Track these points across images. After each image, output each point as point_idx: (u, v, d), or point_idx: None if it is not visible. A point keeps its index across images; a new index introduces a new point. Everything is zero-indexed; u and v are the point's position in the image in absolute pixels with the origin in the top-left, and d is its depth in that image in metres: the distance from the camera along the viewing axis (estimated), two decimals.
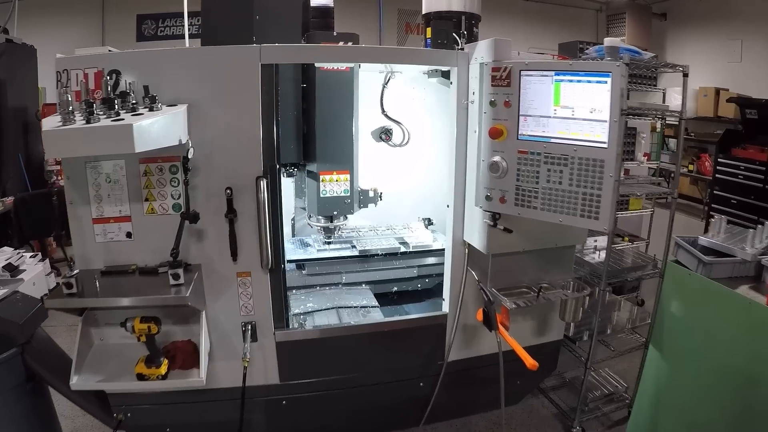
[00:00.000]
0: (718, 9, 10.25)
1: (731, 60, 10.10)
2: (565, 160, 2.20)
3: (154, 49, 2.29)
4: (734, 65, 10.00)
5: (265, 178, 2.32)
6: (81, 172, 2.28)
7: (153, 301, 2.13)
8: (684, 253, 3.02)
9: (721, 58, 10.36)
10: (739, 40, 9.94)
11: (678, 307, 2.94)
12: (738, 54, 10.03)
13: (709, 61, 10.62)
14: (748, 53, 9.81)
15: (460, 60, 2.53)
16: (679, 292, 2.95)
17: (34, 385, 2.70)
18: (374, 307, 3.22)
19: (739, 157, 6.30)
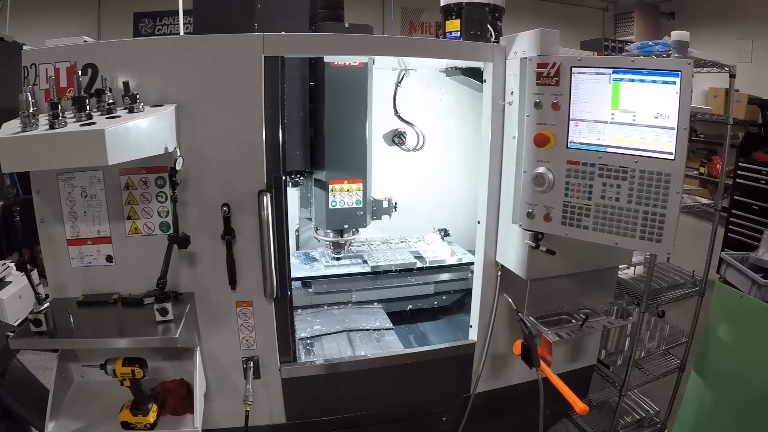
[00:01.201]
0: (728, 8, 9.93)
1: (741, 60, 9.77)
2: (624, 172, 1.82)
3: (136, 39, 1.93)
4: (745, 65, 9.66)
5: (268, 192, 1.92)
6: (52, 185, 1.89)
7: (137, 343, 1.74)
8: (734, 273, 2.65)
9: (730, 58, 10.01)
10: (750, 40, 9.62)
11: (726, 331, 2.57)
12: (748, 54, 9.70)
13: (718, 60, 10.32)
14: (759, 53, 9.52)
15: (496, 54, 2.13)
16: (729, 315, 2.58)
17: (10, 423, 2.35)
18: (388, 330, 2.85)
19: (761, 161, 5.93)
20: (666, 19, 11.07)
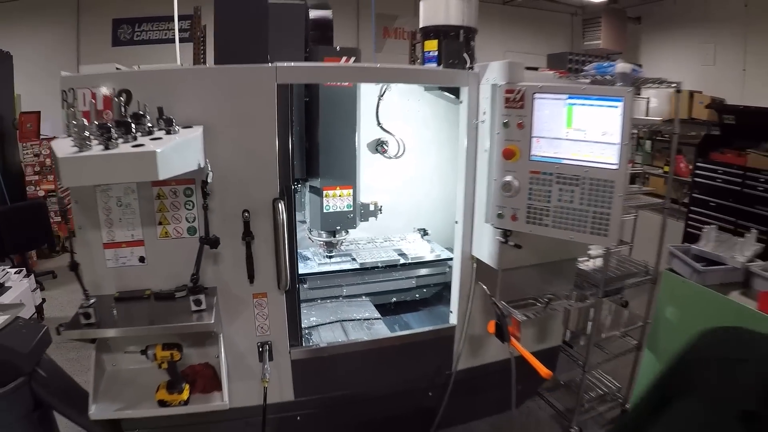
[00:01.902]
0: (692, 13, 10.61)
1: (705, 63, 10.47)
2: (576, 180, 2.30)
3: (166, 68, 2.30)
4: (708, 68, 10.38)
5: (282, 199, 2.36)
6: (90, 196, 2.24)
7: (177, 330, 2.13)
8: (678, 262, 3.20)
9: (694, 61, 10.73)
10: (713, 43, 10.32)
11: (673, 312, 3.11)
12: (711, 57, 10.40)
13: (682, 64, 10.99)
14: (721, 56, 10.19)
15: (471, 80, 2.60)
16: (674, 299, 3.12)
17: (41, 414, 2.68)
18: (377, 319, 3.29)
19: (718, 161, 6.57)
20: (633, 23, 11.72)
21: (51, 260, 6.36)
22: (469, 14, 3.27)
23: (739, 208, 6.14)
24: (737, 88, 9.74)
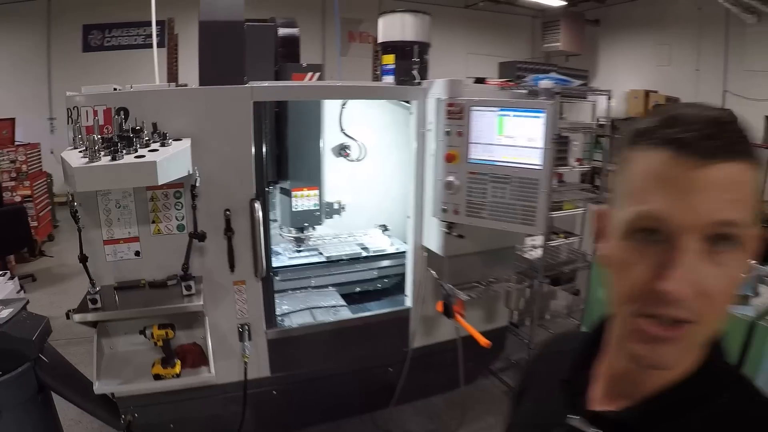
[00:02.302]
0: (648, 15, 11.32)
1: (660, 63, 11.21)
2: (507, 179, 2.84)
3: (158, 89, 2.77)
4: (663, 68, 11.12)
5: (258, 200, 2.85)
6: (92, 200, 2.69)
7: (171, 311, 2.59)
8: None
9: (651, 62, 11.48)
10: (668, 44, 11.05)
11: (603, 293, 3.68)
12: (667, 58, 11.13)
13: (639, 64, 11.72)
14: (677, 57, 10.91)
15: (419, 95, 3.13)
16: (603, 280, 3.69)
17: (43, 397, 3.11)
18: (342, 306, 3.77)
19: None
20: (592, 25, 12.40)
21: (29, 264, 6.71)
22: (423, 31, 3.81)
23: None
24: (691, 87, 10.48)
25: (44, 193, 7.58)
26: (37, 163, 7.44)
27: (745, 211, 0.68)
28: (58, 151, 8.15)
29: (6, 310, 3.05)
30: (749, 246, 0.70)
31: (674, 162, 0.68)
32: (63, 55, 9.03)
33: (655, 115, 0.72)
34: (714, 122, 0.68)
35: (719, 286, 0.68)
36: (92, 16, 9.06)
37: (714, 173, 0.66)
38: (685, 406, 0.76)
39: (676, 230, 0.68)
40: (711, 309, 0.69)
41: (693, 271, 0.67)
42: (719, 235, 0.67)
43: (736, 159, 0.67)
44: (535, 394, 1.05)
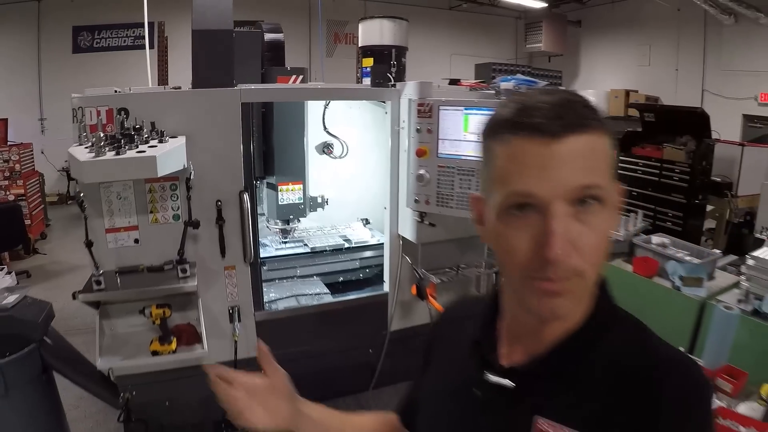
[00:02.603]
0: (629, 17, 11.71)
1: (641, 64, 11.62)
2: (472, 171, 3.19)
3: (156, 91, 3.11)
4: (644, 68, 11.53)
5: (246, 191, 3.19)
6: (95, 191, 3.02)
7: (168, 291, 2.93)
8: None
9: (631, 62, 11.90)
10: (648, 45, 11.46)
11: None
12: (647, 58, 11.54)
13: (620, 64, 12.13)
14: (656, 57, 11.30)
15: (393, 96, 3.50)
16: None
17: (47, 377, 3.41)
18: (326, 294, 4.11)
19: (638, 155, 7.60)
20: (573, 26, 12.79)
21: (23, 261, 7.01)
22: (401, 36, 4.17)
23: (657, 196, 7.19)
24: (671, 86, 10.87)
25: (37, 193, 7.88)
26: (29, 163, 7.75)
27: (601, 173, 0.79)
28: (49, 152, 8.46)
29: (12, 296, 3.34)
30: (611, 202, 0.81)
31: (532, 143, 0.78)
32: (53, 56, 9.31)
33: (509, 106, 0.82)
34: (560, 104, 0.78)
35: (590, 241, 0.79)
36: (82, 18, 9.35)
37: (567, 147, 0.77)
38: (581, 350, 0.87)
39: (544, 201, 0.77)
40: (588, 261, 0.79)
41: (566, 232, 0.77)
42: (582, 197, 0.78)
43: (584, 131, 0.78)
44: (446, 359, 1.11)
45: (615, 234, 3.99)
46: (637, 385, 0.82)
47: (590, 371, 0.86)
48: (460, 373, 1.02)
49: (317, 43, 10.58)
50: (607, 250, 0.83)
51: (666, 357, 0.87)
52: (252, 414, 1.09)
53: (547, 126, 0.77)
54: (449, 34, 12.37)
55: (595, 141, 0.79)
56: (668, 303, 3.42)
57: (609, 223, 0.83)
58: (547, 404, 0.86)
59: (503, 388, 0.91)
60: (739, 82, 9.72)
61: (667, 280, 3.52)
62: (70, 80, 8.86)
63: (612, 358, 0.86)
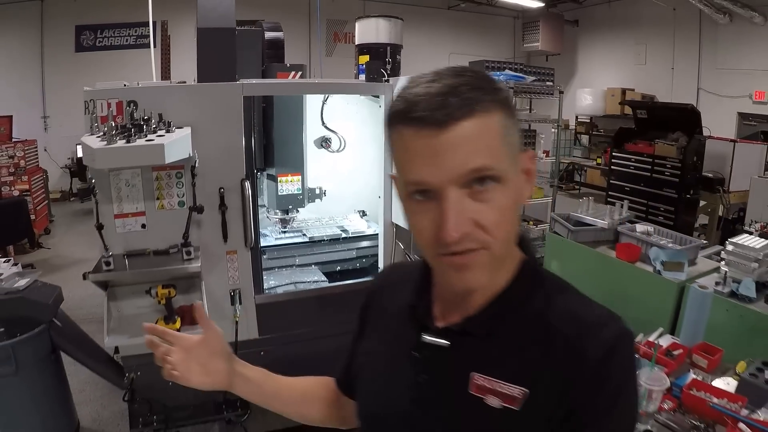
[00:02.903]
0: (625, 16, 11.93)
1: (637, 62, 11.85)
2: None
3: (163, 85, 3.32)
4: (640, 67, 11.74)
5: (248, 180, 3.40)
6: (105, 179, 3.22)
7: (173, 272, 3.14)
8: (559, 226, 4.36)
9: (627, 61, 12.12)
10: (644, 44, 11.67)
11: (555, 264, 4.27)
12: (643, 57, 11.75)
13: (617, 63, 12.36)
14: (652, 56, 11.51)
15: (386, 90, 3.72)
16: (556, 253, 4.29)
17: (56, 357, 3.61)
18: (323, 281, 4.33)
19: (631, 151, 7.83)
20: (570, 26, 13.01)
21: (27, 255, 7.23)
22: (396, 34, 4.39)
23: (649, 191, 7.41)
24: (667, 85, 11.08)
25: (41, 189, 8.11)
26: (34, 159, 7.98)
27: (492, 153, 0.83)
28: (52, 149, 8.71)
29: (23, 279, 3.57)
30: (511, 176, 0.86)
31: (420, 135, 0.82)
32: (56, 54, 9.53)
33: (399, 99, 0.87)
34: (445, 92, 0.81)
35: (491, 217, 0.84)
36: (84, 18, 9.57)
37: (453, 134, 0.81)
38: (508, 310, 0.95)
39: (438, 188, 0.83)
40: (492, 235, 0.85)
41: (462, 213, 0.82)
42: (476, 179, 0.82)
43: (470, 116, 0.81)
44: (384, 324, 1.16)
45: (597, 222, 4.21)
46: (561, 339, 0.89)
47: (518, 329, 0.94)
48: (398, 337, 1.07)
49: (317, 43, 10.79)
50: (513, 221, 0.89)
51: (587, 312, 0.94)
52: (187, 372, 1.14)
53: (431, 117, 0.81)
54: (448, 33, 12.58)
55: (483, 122, 0.82)
56: (650, 286, 3.64)
57: (510, 197, 0.86)
58: (481, 361, 0.94)
59: (440, 348, 0.98)
60: (733, 80, 9.92)
61: (649, 265, 3.74)
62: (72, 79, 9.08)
63: (538, 316, 0.93)
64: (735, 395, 2.29)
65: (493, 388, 0.91)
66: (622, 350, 0.89)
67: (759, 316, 3.11)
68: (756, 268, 3.35)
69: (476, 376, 0.92)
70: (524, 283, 0.98)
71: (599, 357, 0.86)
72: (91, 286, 5.63)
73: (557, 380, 0.87)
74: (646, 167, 7.48)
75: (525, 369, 0.90)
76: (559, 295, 0.98)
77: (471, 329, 0.96)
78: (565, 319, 0.92)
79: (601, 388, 0.86)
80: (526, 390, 0.89)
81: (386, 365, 1.10)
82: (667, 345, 2.80)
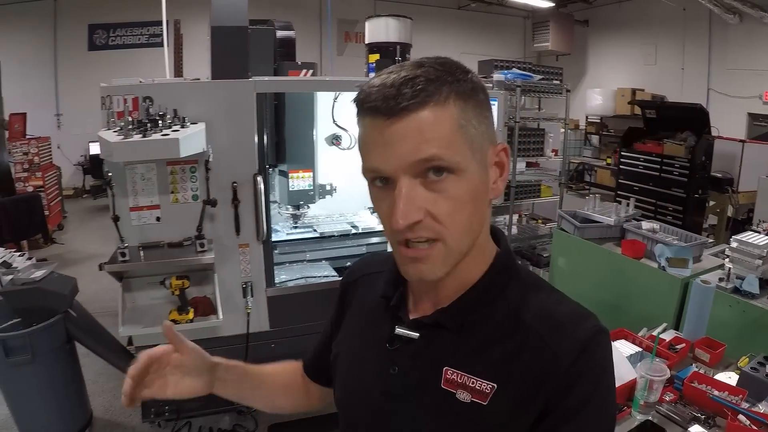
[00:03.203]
0: (636, 16, 11.95)
1: (647, 63, 11.87)
2: None
3: (177, 82, 3.41)
4: (650, 68, 11.76)
5: (260, 175, 3.49)
6: (122, 173, 3.30)
7: (187, 263, 3.24)
8: (566, 222, 4.42)
9: (637, 61, 12.14)
10: (654, 44, 11.69)
11: (562, 261, 4.33)
12: (653, 57, 11.77)
13: (627, 63, 12.38)
14: (662, 56, 11.54)
15: None
16: (563, 249, 4.35)
17: (70, 347, 3.71)
18: (333, 276, 4.42)
19: (639, 151, 7.86)
20: (581, 26, 13.05)
21: (41, 250, 7.37)
22: (405, 33, 4.47)
23: (658, 190, 7.44)
24: (677, 85, 11.10)
25: (55, 185, 8.25)
26: (47, 156, 8.12)
27: (446, 144, 0.83)
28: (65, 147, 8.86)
29: (39, 271, 3.67)
30: (470, 169, 0.86)
31: (374, 125, 0.85)
32: (69, 53, 9.70)
33: (362, 89, 0.90)
34: (400, 83, 0.83)
35: (443, 207, 0.84)
36: (97, 17, 9.72)
37: (404, 124, 0.82)
38: (479, 304, 0.96)
39: (392, 176, 0.85)
40: (445, 226, 0.85)
41: (412, 202, 0.83)
42: (429, 169, 0.83)
43: (422, 107, 0.82)
44: (359, 315, 1.18)
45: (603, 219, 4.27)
46: (534, 335, 0.90)
47: (490, 323, 0.94)
48: (372, 329, 1.08)
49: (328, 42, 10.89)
50: (474, 213, 0.88)
51: (561, 310, 0.94)
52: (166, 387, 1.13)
53: (383, 107, 0.83)
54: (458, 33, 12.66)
55: (437, 113, 0.83)
56: (654, 282, 3.69)
57: (468, 189, 0.86)
58: (452, 354, 0.94)
59: (412, 341, 0.98)
60: (744, 80, 9.92)
61: (654, 261, 3.79)
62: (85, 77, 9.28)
63: (511, 311, 0.94)
64: (736, 388, 2.33)
65: (463, 383, 0.91)
66: (595, 348, 0.89)
67: (762, 311, 3.15)
68: (760, 265, 3.40)
69: (448, 371, 0.93)
70: (498, 277, 0.98)
71: (572, 355, 0.87)
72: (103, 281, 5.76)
73: (528, 377, 0.88)
74: (654, 167, 7.52)
75: (495, 364, 0.91)
76: (533, 291, 0.97)
77: (443, 321, 0.96)
78: (539, 316, 0.92)
79: (574, 386, 0.86)
80: (494, 384, 0.89)
81: (360, 356, 1.10)
82: (670, 339, 2.86)
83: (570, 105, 5.56)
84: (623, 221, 4.27)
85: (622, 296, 3.83)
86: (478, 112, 0.88)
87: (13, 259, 5.40)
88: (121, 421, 4.07)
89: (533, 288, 0.98)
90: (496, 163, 0.92)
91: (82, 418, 3.87)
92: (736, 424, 2.08)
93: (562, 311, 0.94)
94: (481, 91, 0.90)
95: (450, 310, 0.96)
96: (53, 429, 3.65)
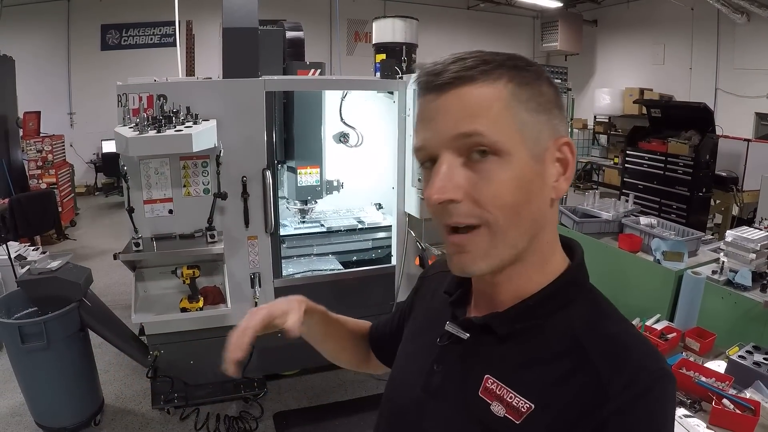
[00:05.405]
0: (644, 16, 12.00)
1: (655, 62, 11.92)
2: None
3: (190, 80, 3.57)
4: (658, 67, 11.82)
5: (269, 169, 3.65)
6: (136, 167, 3.47)
7: (198, 253, 3.40)
8: (566, 218, 4.55)
9: (646, 61, 12.19)
10: (663, 44, 11.74)
11: None
12: (661, 57, 11.82)
13: (635, 63, 12.44)
14: (670, 56, 11.58)
15: (400, 86, 3.95)
16: None
17: (84, 335, 3.86)
18: (340, 270, 4.57)
19: (644, 149, 7.95)
20: (589, 26, 13.11)
21: (53, 246, 7.57)
22: (411, 33, 4.61)
23: (662, 188, 7.54)
24: (685, 85, 11.15)
25: (68, 182, 8.46)
26: (61, 154, 8.33)
27: (491, 122, 0.79)
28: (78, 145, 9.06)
29: (56, 261, 3.82)
30: (517, 153, 0.80)
31: (424, 100, 0.84)
32: (82, 53, 9.93)
33: (419, 70, 0.87)
34: (450, 61, 0.82)
35: (485, 191, 0.79)
36: (110, 17, 9.94)
37: (446, 99, 0.80)
38: (536, 315, 0.87)
39: (433, 151, 0.82)
40: (488, 210, 0.80)
41: (450, 179, 0.79)
42: (470, 147, 0.79)
43: (467, 83, 0.80)
44: (424, 308, 1.15)
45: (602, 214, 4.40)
46: (589, 365, 0.80)
47: (542, 338, 0.86)
48: (430, 324, 1.06)
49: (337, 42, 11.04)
50: (520, 205, 0.81)
51: (627, 344, 0.84)
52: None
53: (431, 82, 0.82)
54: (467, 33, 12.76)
55: (485, 90, 0.80)
56: (650, 275, 3.82)
57: (514, 176, 0.80)
58: (497, 363, 0.88)
59: (459, 340, 0.94)
60: (751, 80, 9.95)
61: (650, 255, 3.92)
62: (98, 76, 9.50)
63: (568, 330, 0.85)
64: (723, 375, 2.44)
65: (501, 395, 0.85)
66: (657, 396, 0.78)
67: (753, 303, 3.27)
68: (753, 259, 3.52)
69: (489, 380, 0.87)
70: (560, 291, 0.89)
71: (628, 397, 0.76)
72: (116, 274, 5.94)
73: (570, 407, 0.79)
74: (659, 165, 7.61)
75: (538, 383, 0.83)
76: (600, 316, 0.89)
77: (492, 325, 0.90)
78: (599, 344, 0.83)
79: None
80: (531, 404, 0.82)
81: (414, 350, 1.09)
82: (662, 328, 2.97)
83: (578, 105, 5.66)
84: (621, 216, 4.40)
85: (619, 289, 3.95)
86: (538, 101, 0.83)
87: (27, 253, 5.61)
88: (131, 408, 4.19)
89: (601, 312, 0.90)
90: (559, 160, 0.86)
91: (94, 404, 3.99)
92: (720, 408, 2.19)
93: (627, 344, 0.84)
94: (546, 83, 0.86)
95: (502, 315, 0.90)
96: (65, 414, 3.77)
